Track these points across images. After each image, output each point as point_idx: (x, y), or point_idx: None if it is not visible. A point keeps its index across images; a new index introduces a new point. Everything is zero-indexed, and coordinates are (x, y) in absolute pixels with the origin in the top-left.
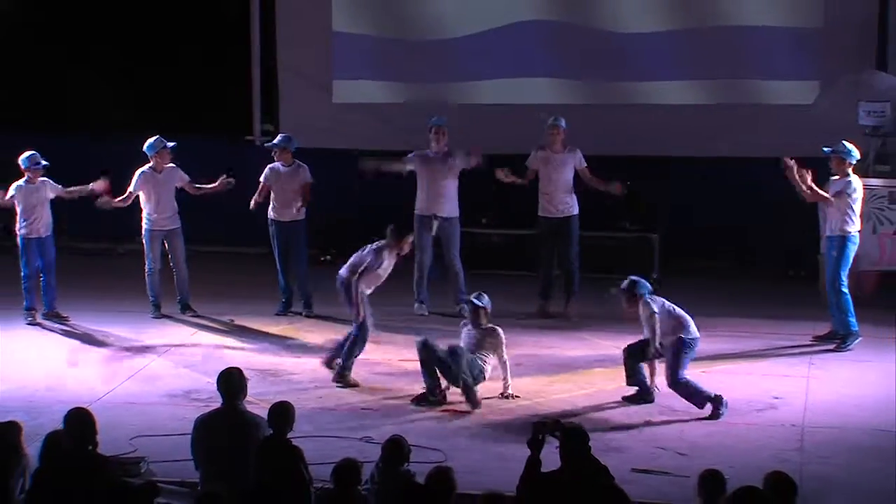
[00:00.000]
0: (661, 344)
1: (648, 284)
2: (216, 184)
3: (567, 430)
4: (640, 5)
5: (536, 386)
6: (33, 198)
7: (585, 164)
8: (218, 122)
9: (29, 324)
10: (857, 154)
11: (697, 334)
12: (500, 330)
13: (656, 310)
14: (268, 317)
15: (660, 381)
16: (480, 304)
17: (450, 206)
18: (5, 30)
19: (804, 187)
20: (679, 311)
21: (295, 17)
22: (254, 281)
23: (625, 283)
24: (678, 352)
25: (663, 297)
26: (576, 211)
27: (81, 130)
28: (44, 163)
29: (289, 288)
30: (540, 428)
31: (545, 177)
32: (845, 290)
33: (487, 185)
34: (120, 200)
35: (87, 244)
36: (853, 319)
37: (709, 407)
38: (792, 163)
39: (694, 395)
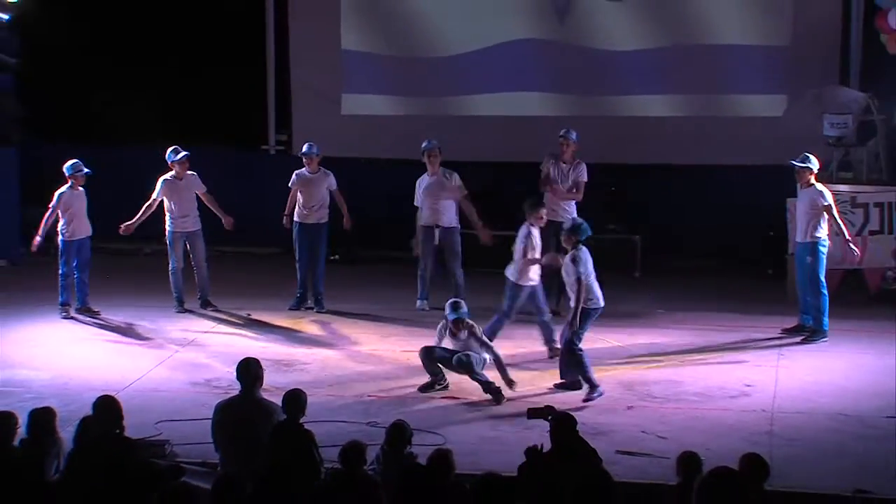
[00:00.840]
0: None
1: (588, 230)
2: (223, 215)
3: (557, 415)
4: (624, 25)
5: (528, 376)
6: (76, 203)
7: (585, 179)
8: (237, 132)
9: (63, 318)
10: (817, 164)
11: (601, 304)
12: (474, 325)
13: (581, 272)
14: (282, 312)
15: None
16: (461, 316)
17: (448, 218)
18: (46, 53)
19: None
20: (592, 278)
21: (307, 37)
22: (267, 279)
23: (568, 224)
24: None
25: (645, 293)
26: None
27: (116, 141)
28: (86, 171)
29: (304, 285)
30: (534, 413)
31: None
32: (824, 291)
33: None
34: (143, 213)
35: (117, 245)
36: (826, 319)
37: (586, 388)
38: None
39: (581, 367)
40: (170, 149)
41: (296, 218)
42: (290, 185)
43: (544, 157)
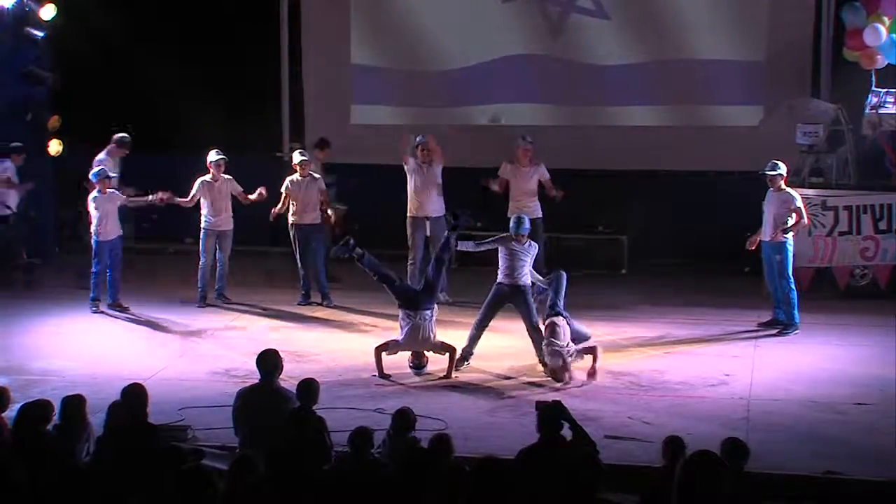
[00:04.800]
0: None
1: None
2: (254, 195)
3: (548, 405)
4: (612, 42)
5: (521, 364)
6: (105, 206)
7: (549, 177)
8: (255, 141)
9: (94, 312)
10: (785, 169)
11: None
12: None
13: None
14: (292, 306)
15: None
16: (523, 232)
17: (436, 208)
18: (77, 66)
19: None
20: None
21: (319, 53)
22: (279, 276)
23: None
24: None
25: (632, 288)
26: (539, 214)
27: (146, 149)
28: (112, 175)
29: (307, 282)
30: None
31: (514, 186)
32: (793, 286)
33: (478, 195)
34: (183, 201)
35: (143, 245)
36: (797, 313)
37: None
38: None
39: None
40: (211, 151)
41: (291, 220)
42: (282, 189)
43: (503, 163)
